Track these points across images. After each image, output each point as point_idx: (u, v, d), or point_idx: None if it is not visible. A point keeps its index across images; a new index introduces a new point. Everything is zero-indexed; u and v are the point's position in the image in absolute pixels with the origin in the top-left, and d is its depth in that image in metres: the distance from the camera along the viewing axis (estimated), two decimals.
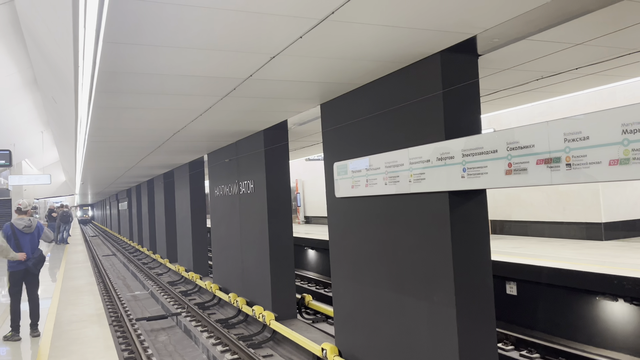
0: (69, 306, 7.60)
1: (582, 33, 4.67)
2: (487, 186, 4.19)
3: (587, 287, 7.13)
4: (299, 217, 24.27)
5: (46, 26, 5.60)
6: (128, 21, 3.56)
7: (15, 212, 6.17)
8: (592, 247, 9.73)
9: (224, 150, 11.30)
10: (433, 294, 4.86)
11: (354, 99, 6.01)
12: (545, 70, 5.87)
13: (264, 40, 4.11)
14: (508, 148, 3.94)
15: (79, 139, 9.68)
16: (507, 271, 8.27)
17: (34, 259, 5.98)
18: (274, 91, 5.95)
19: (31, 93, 16.92)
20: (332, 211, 6.67)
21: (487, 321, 4.77)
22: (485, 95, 6.95)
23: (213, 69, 4.90)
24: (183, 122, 7.75)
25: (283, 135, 9.06)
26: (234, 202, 10.73)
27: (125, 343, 9.42)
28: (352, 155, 6.05)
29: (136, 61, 4.48)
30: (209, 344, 8.98)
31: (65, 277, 10.65)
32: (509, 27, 4.15)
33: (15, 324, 5.97)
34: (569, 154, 3.46)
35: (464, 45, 4.49)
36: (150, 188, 22.27)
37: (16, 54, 12.50)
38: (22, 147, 24.59)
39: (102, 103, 6.03)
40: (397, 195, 5.30)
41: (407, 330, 5.26)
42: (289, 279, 9.08)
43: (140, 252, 25.41)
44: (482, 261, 4.79)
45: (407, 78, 5.09)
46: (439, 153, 4.62)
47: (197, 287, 13.97)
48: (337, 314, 6.68)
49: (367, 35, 4.09)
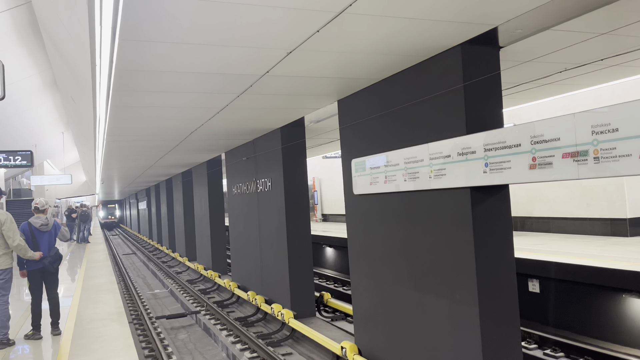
0: (89, 304, 7.66)
1: (607, 22, 4.51)
2: (511, 181, 4.07)
3: (612, 284, 6.95)
4: (316, 215, 24.23)
5: (63, 25, 5.63)
6: (144, 18, 3.53)
7: (33, 211, 6.22)
8: (617, 243, 9.49)
9: (241, 149, 11.29)
10: (455, 293, 4.76)
11: (372, 94, 5.92)
12: (569, 62, 5.72)
13: (280, 35, 4.05)
14: (532, 142, 3.82)
15: (98, 139, 9.75)
16: (529, 268, 8.12)
17: (50, 257, 6.01)
18: (290, 88, 5.89)
19: (51, 94, 17.16)
20: (350, 209, 6.59)
21: (511, 320, 4.65)
22: (507, 88, 6.81)
23: (229, 66, 4.85)
24: (200, 121, 7.74)
25: (300, 132, 9.01)
26: (251, 200, 10.72)
27: (145, 341, 9.48)
28: (370, 151, 5.97)
29: (152, 59, 4.46)
30: (228, 342, 8.99)
31: (86, 276, 10.75)
32: (532, 17, 4.03)
33: (36, 323, 6.02)
34: (597, 147, 3.34)
35: (485, 37, 4.38)
36: (169, 187, 22.44)
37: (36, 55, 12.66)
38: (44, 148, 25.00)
39: (120, 102, 6.04)
40: (417, 192, 5.20)
41: (428, 329, 5.17)
42: (308, 277, 9.04)
43: (159, 250, 25.64)
44: (506, 258, 4.67)
45: (426, 72, 4.98)
46: (459, 148, 4.51)
47: (216, 286, 14.01)
48: (357, 312, 6.61)
49: (386, 28, 4.00)
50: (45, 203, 6.25)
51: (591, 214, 11.24)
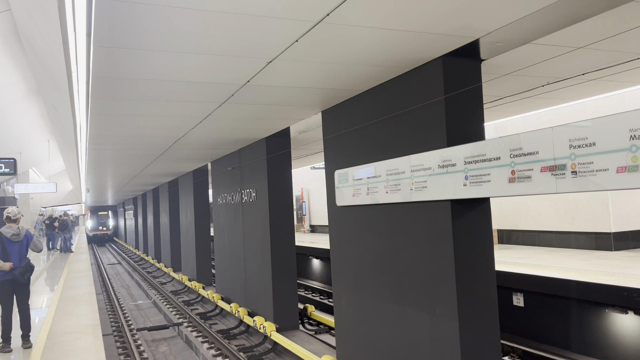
0: (64, 316, 7.47)
1: (588, 36, 4.52)
2: (490, 194, 4.03)
3: (596, 299, 6.92)
4: (304, 225, 24.10)
5: (39, 31, 5.54)
6: (119, 24, 3.46)
7: (5, 220, 6.07)
8: (601, 257, 9.50)
9: (227, 158, 11.20)
10: (436, 306, 4.69)
11: (355, 105, 5.89)
12: (551, 76, 5.72)
13: (259, 44, 4.00)
14: (511, 155, 3.79)
15: (80, 147, 9.62)
16: (513, 282, 8.07)
17: (20, 268, 5.86)
18: (273, 97, 5.84)
19: (36, 101, 16.96)
20: (333, 220, 6.52)
21: (491, 334, 4.59)
22: (490, 101, 6.80)
23: (209, 75, 4.79)
24: (183, 130, 7.65)
25: (285, 142, 8.95)
26: (236, 210, 10.61)
27: (124, 354, 9.29)
28: (354, 162, 5.92)
29: (130, 66, 4.39)
30: (209, 355, 8.83)
31: (65, 287, 10.54)
32: (513, 30, 4.02)
33: (6, 335, 5.85)
34: (575, 161, 3.31)
35: (466, 49, 4.37)
36: (155, 196, 22.23)
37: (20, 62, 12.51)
38: (29, 156, 24.67)
39: (99, 110, 5.94)
40: (399, 204, 5.15)
41: (409, 343, 5.09)
42: (291, 289, 8.92)
43: (145, 260, 25.33)
44: (486, 272, 4.62)
45: (408, 83, 4.96)
46: (440, 160, 4.47)
47: (200, 297, 13.83)
48: (338, 325, 6.51)
49: (365, 38, 3.97)
50: (18, 212, 6.11)
51: (576, 228, 11.26)
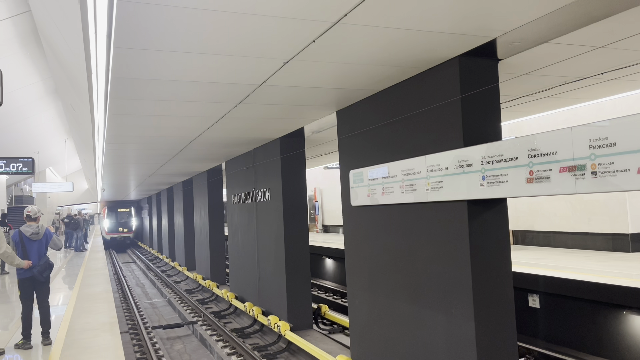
0: (82, 314, 7.57)
1: (606, 35, 4.47)
2: (508, 195, 4.01)
3: (613, 300, 6.84)
4: (317, 225, 24.12)
5: (60, 32, 5.62)
6: (138, 26, 3.51)
7: (25, 219, 6.15)
8: (618, 259, 9.38)
9: (241, 158, 11.26)
10: (451, 307, 4.68)
11: (371, 105, 5.89)
12: (569, 75, 5.67)
13: (276, 45, 4.02)
14: (529, 155, 3.77)
15: (98, 146, 9.73)
16: (529, 283, 8.01)
17: (39, 267, 5.93)
18: (288, 98, 5.86)
19: (54, 102, 17.20)
20: (348, 220, 6.53)
21: (508, 335, 4.57)
22: (506, 101, 6.76)
23: (227, 75, 4.83)
24: (199, 130, 7.71)
25: (300, 142, 8.97)
26: (250, 210, 10.67)
27: (140, 351, 9.39)
28: (369, 162, 5.92)
29: (149, 67, 4.44)
30: (223, 354, 8.89)
31: (82, 285, 10.67)
32: (530, 30, 3.99)
33: (26, 332, 5.93)
34: (595, 162, 3.28)
35: (483, 49, 4.35)
36: (169, 196, 22.40)
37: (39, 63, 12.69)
38: (46, 155, 25.02)
39: (117, 110, 6.01)
40: (414, 204, 5.14)
41: (424, 344, 5.08)
42: (305, 289, 8.95)
43: (159, 259, 25.55)
44: (503, 273, 4.59)
45: (424, 83, 4.95)
46: (457, 160, 4.46)
47: (214, 296, 13.92)
48: (353, 325, 6.51)
49: (382, 39, 3.97)
50: (38, 211, 6.19)
51: (593, 229, 11.13)
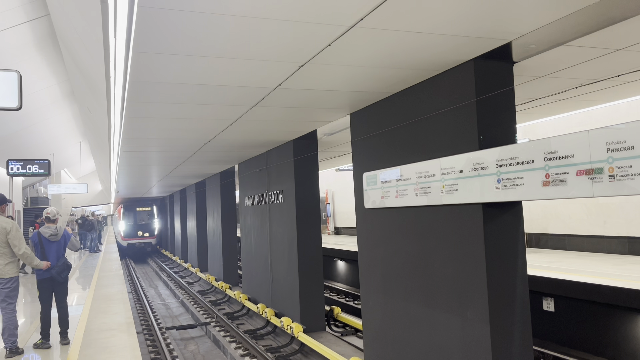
0: (99, 314, 7.66)
1: (623, 38, 4.45)
2: (523, 198, 4.01)
3: (629, 304, 6.77)
4: (328, 227, 24.12)
5: (79, 37, 5.71)
6: (157, 31, 3.56)
7: (44, 220, 6.24)
8: (634, 262, 9.28)
9: (254, 160, 11.33)
10: (466, 310, 4.68)
11: (384, 108, 5.90)
12: (585, 78, 5.64)
13: (291, 48, 4.06)
14: (545, 158, 3.76)
15: (113, 148, 9.85)
16: (544, 286, 7.96)
17: (57, 267, 6.01)
18: (302, 100, 5.90)
19: (69, 105, 17.39)
20: (361, 222, 6.54)
21: (523, 338, 4.55)
22: (521, 104, 6.73)
23: (242, 79, 4.87)
24: (213, 132, 7.78)
25: (312, 145, 9.01)
26: (263, 212, 10.72)
27: (155, 352, 9.47)
28: (382, 165, 5.93)
29: (166, 71, 4.50)
30: (237, 355, 8.93)
31: (97, 285, 10.79)
32: (546, 32, 3.99)
33: (45, 332, 6.02)
34: (613, 165, 3.27)
35: (499, 52, 4.34)
36: (182, 197, 22.56)
37: (55, 66, 12.86)
38: (62, 157, 25.30)
39: (134, 113, 6.09)
40: (429, 207, 5.14)
41: (438, 346, 5.08)
42: (318, 291, 8.97)
43: (172, 260, 25.72)
44: (518, 276, 4.58)
45: (439, 86, 4.95)
46: (472, 163, 4.46)
47: (227, 297, 13.99)
48: (366, 328, 6.52)
49: (398, 42, 3.99)
50: (57, 213, 6.27)
51: (608, 232, 11.01)
